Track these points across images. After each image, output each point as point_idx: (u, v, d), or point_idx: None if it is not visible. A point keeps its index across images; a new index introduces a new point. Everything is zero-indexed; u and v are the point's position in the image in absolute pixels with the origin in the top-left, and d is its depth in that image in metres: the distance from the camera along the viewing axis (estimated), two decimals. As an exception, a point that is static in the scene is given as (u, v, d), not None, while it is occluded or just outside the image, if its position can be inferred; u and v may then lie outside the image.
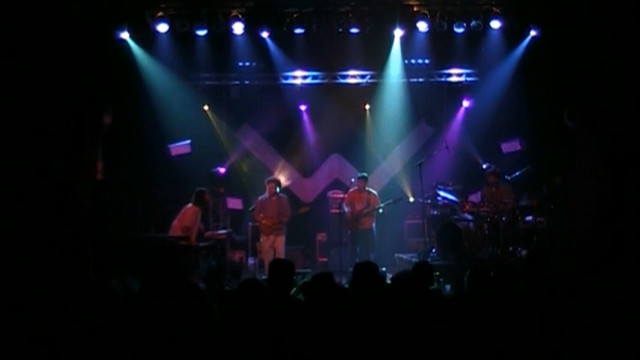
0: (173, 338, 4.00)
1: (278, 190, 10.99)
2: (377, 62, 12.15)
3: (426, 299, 4.69)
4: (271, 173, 12.32)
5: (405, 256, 11.36)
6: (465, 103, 12.71)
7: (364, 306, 4.25)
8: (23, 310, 4.58)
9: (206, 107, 12.71)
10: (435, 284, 8.85)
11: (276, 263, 5.23)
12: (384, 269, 10.30)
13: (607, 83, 9.98)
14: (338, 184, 12.98)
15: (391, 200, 11.16)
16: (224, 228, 11.61)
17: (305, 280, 7.82)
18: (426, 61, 12.36)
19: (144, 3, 10.97)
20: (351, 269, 6.24)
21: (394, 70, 12.14)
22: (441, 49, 11.86)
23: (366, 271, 5.03)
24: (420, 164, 11.05)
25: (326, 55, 12.03)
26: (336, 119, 12.68)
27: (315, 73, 12.41)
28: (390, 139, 13.00)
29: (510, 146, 12.27)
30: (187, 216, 10.15)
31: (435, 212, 11.39)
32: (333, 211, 11.68)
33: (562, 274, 6.39)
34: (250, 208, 11.14)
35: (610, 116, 10.12)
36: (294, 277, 7.89)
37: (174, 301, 4.35)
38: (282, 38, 11.58)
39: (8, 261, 8.27)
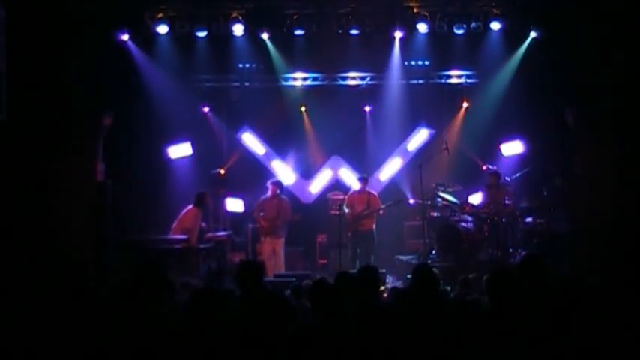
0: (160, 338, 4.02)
1: (279, 192, 10.99)
2: (377, 64, 12.15)
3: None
4: (271, 175, 12.30)
5: (405, 258, 11.37)
6: (465, 105, 12.70)
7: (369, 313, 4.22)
8: (22, 312, 4.59)
9: (206, 109, 12.70)
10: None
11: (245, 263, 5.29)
12: (383, 271, 10.30)
13: (607, 84, 10.00)
14: (338, 186, 12.96)
15: (392, 202, 11.15)
16: (224, 230, 11.59)
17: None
18: (426, 63, 12.34)
19: (144, 4, 10.99)
20: (352, 271, 6.24)
21: (394, 71, 12.14)
22: (441, 50, 11.86)
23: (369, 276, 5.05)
24: (420, 166, 11.03)
25: (326, 57, 12.01)
26: (336, 121, 12.66)
27: (315, 75, 12.39)
28: (390, 140, 12.99)
29: (510, 148, 12.25)
30: (187, 218, 10.14)
31: (435, 214, 11.39)
32: (333, 212, 11.66)
33: (561, 275, 6.39)
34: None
35: (610, 117, 10.13)
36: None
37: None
38: (282, 40, 11.58)
39: (8, 262, 8.28)
